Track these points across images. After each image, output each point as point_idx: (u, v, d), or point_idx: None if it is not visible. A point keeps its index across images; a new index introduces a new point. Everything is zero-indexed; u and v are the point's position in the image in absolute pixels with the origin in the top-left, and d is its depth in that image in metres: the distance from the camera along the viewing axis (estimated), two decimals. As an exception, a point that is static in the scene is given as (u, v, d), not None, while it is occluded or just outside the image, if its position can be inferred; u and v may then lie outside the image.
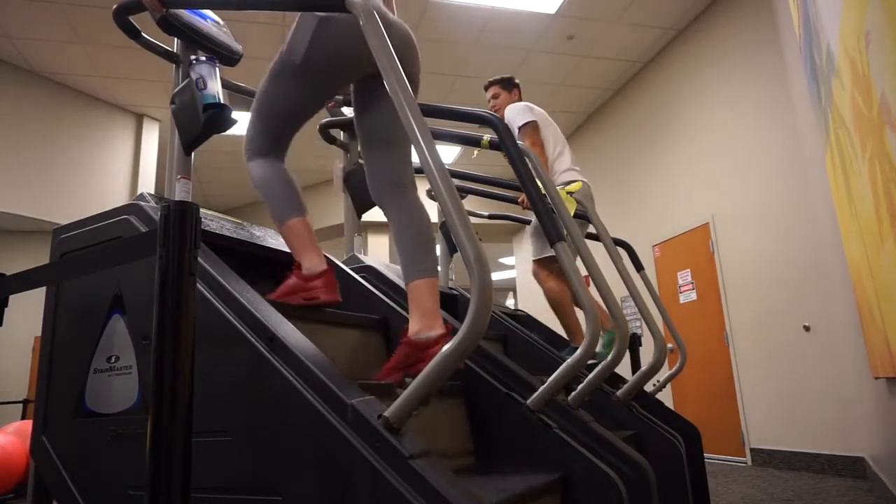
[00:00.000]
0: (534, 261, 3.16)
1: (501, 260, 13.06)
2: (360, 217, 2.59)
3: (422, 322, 1.52)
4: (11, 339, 6.09)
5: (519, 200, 3.33)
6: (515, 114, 3.26)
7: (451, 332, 1.52)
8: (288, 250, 1.91)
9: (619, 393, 2.20)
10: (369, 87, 1.69)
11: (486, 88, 3.53)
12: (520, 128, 3.19)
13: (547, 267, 3.10)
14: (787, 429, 4.44)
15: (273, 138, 1.64)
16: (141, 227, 1.41)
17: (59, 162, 6.08)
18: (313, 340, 1.21)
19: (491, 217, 3.89)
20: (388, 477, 0.95)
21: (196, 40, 1.64)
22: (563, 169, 3.19)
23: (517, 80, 3.53)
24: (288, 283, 1.60)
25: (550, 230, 1.67)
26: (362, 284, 1.96)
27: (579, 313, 3.09)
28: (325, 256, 2.01)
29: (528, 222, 3.65)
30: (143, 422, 0.89)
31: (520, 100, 3.47)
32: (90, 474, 1.36)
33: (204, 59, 1.55)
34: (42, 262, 1.41)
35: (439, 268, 3.24)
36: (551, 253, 3.01)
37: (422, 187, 2.24)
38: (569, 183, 3.11)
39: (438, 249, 3.30)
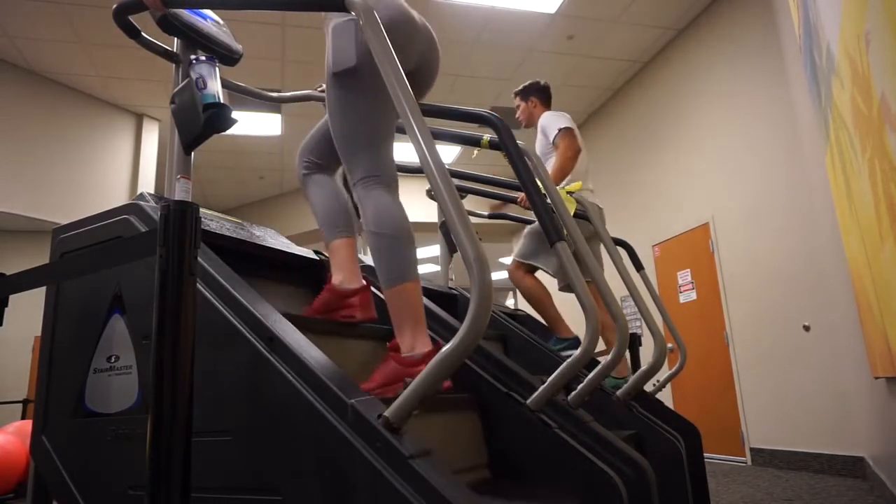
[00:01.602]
0: (515, 259, 3.15)
1: (501, 260, 13.06)
2: (360, 217, 2.59)
3: (342, 275, 1.62)
4: (11, 338, 6.08)
5: (518, 200, 3.33)
6: (553, 119, 3.26)
7: (369, 285, 1.64)
8: (288, 250, 1.92)
9: (619, 393, 2.20)
10: None
11: (526, 98, 3.52)
12: (559, 130, 3.18)
13: (524, 268, 3.11)
14: (787, 428, 4.44)
15: (374, 156, 1.54)
16: (141, 227, 1.41)
17: (59, 162, 6.08)
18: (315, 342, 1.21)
19: (491, 217, 3.89)
20: (388, 477, 0.95)
21: (196, 40, 1.64)
22: (586, 186, 3.22)
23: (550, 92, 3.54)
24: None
25: (550, 230, 1.67)
26: (362, 284, 1.95)
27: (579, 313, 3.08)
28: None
29: (529, 222, 3.65)
30: (143, 422, 0.89)
31: (543, 107, 3.48)
32: (90, 474, 1.36)
33: (204, 58, 1.55)
34: (42, 262, 1.41)
35: (439, 268, 3.25)
36: (535, 262, 3.03)
37: (422, 187, 2.23)
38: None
39: (438, 249, 3.32)
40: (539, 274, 3.12)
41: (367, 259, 2.27)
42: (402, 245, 1.45)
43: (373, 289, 1.96)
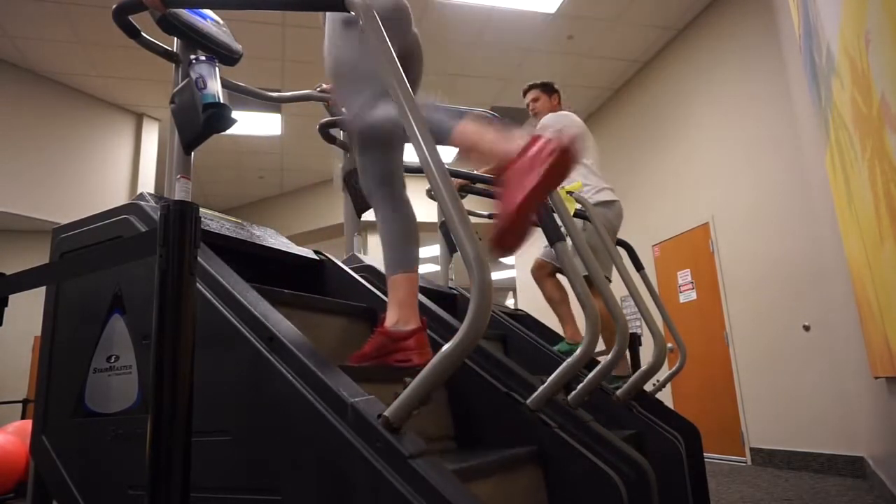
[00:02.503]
0: (539, 258, 3.18)
1: (501, 259, 13.06)
2: (359, 217, 2.59)
3: (399, 314, 1.51)
4: (11, 338, 6.08)
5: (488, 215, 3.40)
6: (553, 121, 3.28)
7: (425, 326, 1.53)
8: (288, 250, 1.91)
9: (618, 392, 2.20)
10: None
11: (526, 92, 3.55)
12: None
13: (548, 269, 3.13)
14: (787, 428, 4.44)
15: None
16: (141, 227, 1.41)
17: (59, 162, 6.08)
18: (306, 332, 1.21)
19: (491, 217, 3.89)
20: (388, 476, 0.95)
21: (196, 40, 1.64)
22: (601, 187, 3.23)
23: (556, 87, 3.56)
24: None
25: (550, 230, 1.67)
26: (362, 284, 1.96)
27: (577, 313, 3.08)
28: (329, 259, 2.01)
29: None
30: (143, 421, 0.89)
31: (558, 106, 3.51)
32: (90, 474, 1.36)
33: (204, 58, 1.55)
34: (42, 262, 1.41)
35: (439, 267, 3.25)
36: (559, 265, 3.04)
37: (422, 187, 2.23)
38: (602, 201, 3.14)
39: (438, 249, 3.32)
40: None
41: (367, 258, 2.27)
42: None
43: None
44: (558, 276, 3.16)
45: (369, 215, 2.59)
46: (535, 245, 3.22)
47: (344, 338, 1.72)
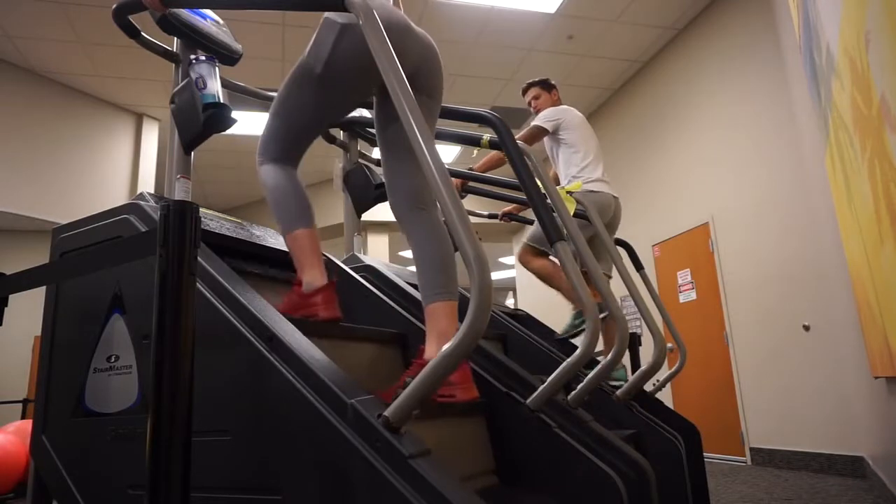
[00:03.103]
0: (525, 243, 3.19)
1: (501, 260, 13.07)
2: (359, 217, 2.59)
3: (439, 346, 1.45)
4: (11, 338, 6.09)
5: (500, 216, 3.43)
6: (553, 114, 3.35)
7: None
8: (286, 249, 1.91)
9: (618, 392, 2.20)
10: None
11: (525, 91, 3.59)
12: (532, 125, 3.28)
13: (534, 252, 3.17)
14: (787, 428, 4.44)
15: (289, 146, 1.61)
16: (141, 227, 1.41)
17: (59, 162, 6.08)
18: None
19: (491, 217, 3.89)
20: (388, 476, 0.95)
21: (196, 40, 1.64)
22: (593, 178, 3.25)
23: (553, 82, 3.59)
24: (289, 299, 1.59)
25: (550, 230, 1.67)
26: (362, 284, 1.96)
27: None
28: (330, 260, 2.01)
29: (529, 222, 3.67)
30: (143, 421, 0.89)
31: (559, 101, 3.54)
32: (90, 474, 1.36)
33: (204, 58, 1.55)
34: (42, 262, 1.41)
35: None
36: (548, 249, 3.06)
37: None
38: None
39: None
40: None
41: (367, 258, 2.27)
42: (291, 197, 1.58)
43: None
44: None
45: (369, 215, 2.59)
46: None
47: (372, 364, 1.72)
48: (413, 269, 1.68)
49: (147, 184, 6.78)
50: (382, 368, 1.71)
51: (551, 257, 3.13)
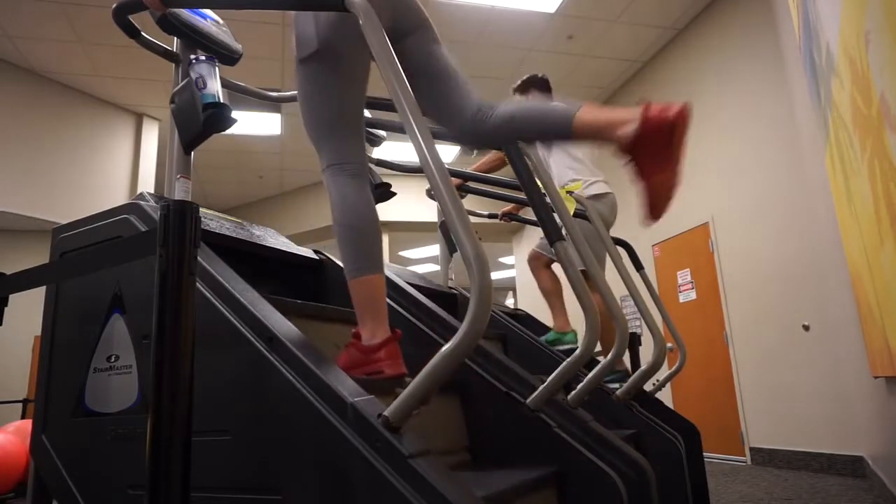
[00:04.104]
0: (535, 249, 3.20)
1: (501, 259, 13.07)
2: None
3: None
4: (11, 338, 6.09)
5: (500, 216, 3.42)
6: None
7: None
8: (288, 250, 1.91)
9: (618, 392, 2.20)
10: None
11: (526, 91, 3.55)
12: None
13: (544, 260, 3.18)
14: (787, 428, 4.44)
15: (338, 142, 1.49)
16: (141, 227, 1.41)
17: (59, 162, 6.08)
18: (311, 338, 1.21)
19: (491, 217, 3.89)
20: (388, 476, 0.95)
21: (196, 39, 1.64)
22: (593, 180, 3.25)
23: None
24: (348, 356, 1.44)
25: (550, 230, 1.67)
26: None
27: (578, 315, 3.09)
28: (329, 259, 2.00)
29: (528, 222, 3.67)
30: (143, 421, 0.89)
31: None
32: (90, 474, 1.36)
33: (203, 58, 1.55)
34: (42, 262, 1.41)
35: (438, 267, 3.25)
36: (552, 257, 3.06)
37: (422, 187, 2.22)
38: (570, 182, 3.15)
39: (438, 249, 3.33)
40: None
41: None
42: (366, 237, 1.42)
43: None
44: (554, 267, 3.19)
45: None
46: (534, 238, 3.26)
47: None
48: (413, 269, 1.68)
49: (147, 184, 6.78)
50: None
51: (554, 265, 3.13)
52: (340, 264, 2.04)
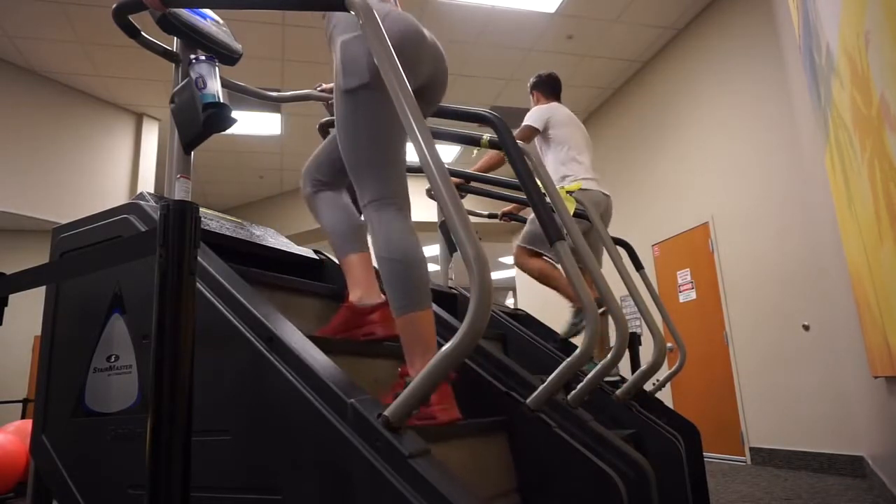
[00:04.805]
0: (519, 245, 3.18)
1: (501, 259, 13.06)
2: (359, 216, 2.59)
3: (361, 291, 1.57)
4: (11, 338, 6.10)
5: (500, 216, 3.42)
6: (530, 116, 3.34)
7: (387, 301, 1.43)
8: (288, 250, 1.92)
9: (618, 392, 2.20)
10: None
11: (531, 94, 3.59)
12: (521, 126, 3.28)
13: (528, 253, 3.16)
14: (787, 428, 4.44)
15: (386, 177, 1.47)
16: (140, 227, 1.41)
17: (59, 161, 6.08)
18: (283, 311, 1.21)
19: (491, 217, 3.89)
20: (388, 476, 0.95)
21: (196, 39, 1.64)
22: (582, 176, 3.24)
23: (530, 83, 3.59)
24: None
25: (550, 230, 1.67)
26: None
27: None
28: (329, 259, 2.01)
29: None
30: (143, 421, 0.89)
31: (542, 101, 3.53)
32: (90, 473, 1.36)
33: (203, 58, 1.54)
34: (42, 262, 1.41)
35: (438, 267, 3.25)
36: (541, 250, 3.06)
37: (422, 187, 2.22)
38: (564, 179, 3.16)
39: (438, 249, 3.32)
40: None
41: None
42: (414, 271, 1.37)
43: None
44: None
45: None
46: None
47: (321, 316, 1.77)
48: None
49: (147, 183, 6.78)
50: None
51: (545, 257, 3.13)
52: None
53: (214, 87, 1.49)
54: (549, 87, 3.53)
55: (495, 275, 13.56)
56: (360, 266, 1.59)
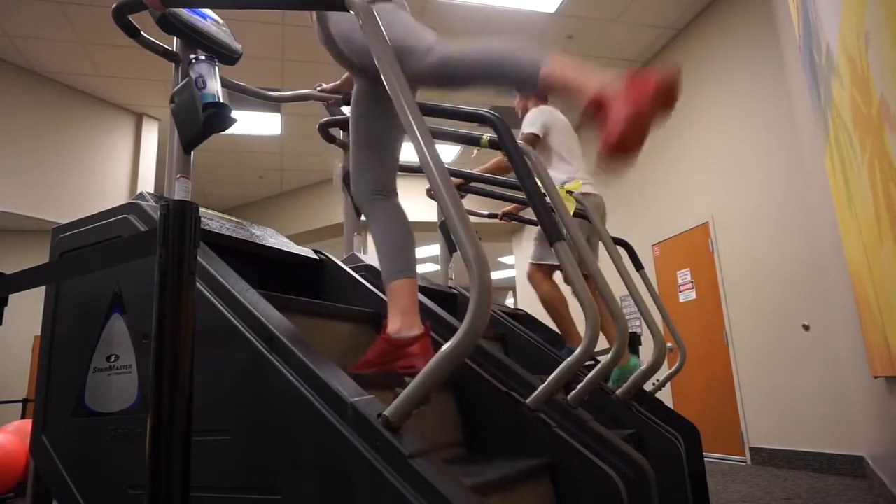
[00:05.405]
0: (531, 263, 3.16)
1: (501, 259, 13.07)
2: (359, 216, 2.59)
3: (402, 321, 1.49)
4: (11, 338, 6.10)
5: (500, 216, 3.41)
6: (527, 122, 3.35)
7: (429, 331, 1.49)
8: (288, 249, 1.91)
9: (618, 392, 2.20)
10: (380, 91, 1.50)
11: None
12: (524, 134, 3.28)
13: (543, 271, 3.11)
14: (787, 428, 4.45)
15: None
16: (140, 227, 1.41)
17: (59, 161, 6.08)
18: (310, 334, 1.21)
19: (491, 217, 3.89)
20: (388, 476, 0.95)
21: (196, 39, 1.64)
22: (577, 178, 3.23)
23: None
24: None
25: (550, 230, 1.67)
26: (362, 283, 1.96)
27: (578, 315, 3.09)
28: (329, 258, 2.01)
29: (528, 222, 3.67)
30: (143, 421, 0.89)
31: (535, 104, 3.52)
32: (90, 473, 1.36)
33: (203, 58, 1.55)
34: (42, 262, 1.41)
35: (438, 267, 3.25)
36: (554, 261, 3.03)
37: (422, 187, 2.22)
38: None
39: (438, 249, 3.32)
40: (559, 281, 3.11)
41: (367, 258, 2.27)
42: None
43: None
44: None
45: (369, 215, 2.59)
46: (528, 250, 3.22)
47: (349, 343, 1.71)
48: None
49: (147, 183, 6.78)
50: (355, 346, 1.71)
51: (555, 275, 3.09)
52: (340, 264, 2.04)
53: (214, 87, 1.49)
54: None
55: (495, 275, 13.56)
56: (405, 294, 1.52)
